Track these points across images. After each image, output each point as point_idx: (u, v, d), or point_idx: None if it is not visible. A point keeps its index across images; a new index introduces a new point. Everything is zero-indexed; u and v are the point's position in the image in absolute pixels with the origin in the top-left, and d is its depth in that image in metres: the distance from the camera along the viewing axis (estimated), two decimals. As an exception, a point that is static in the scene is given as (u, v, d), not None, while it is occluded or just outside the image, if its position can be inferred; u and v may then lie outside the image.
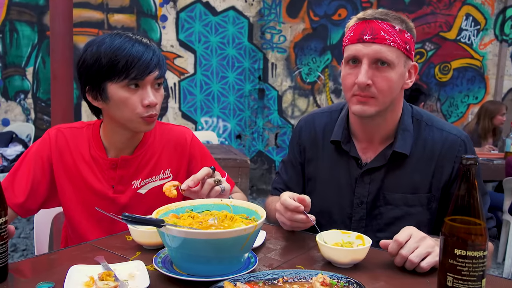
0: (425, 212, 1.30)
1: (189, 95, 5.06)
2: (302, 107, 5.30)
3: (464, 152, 1.30)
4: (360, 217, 1.34)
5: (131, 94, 1.23)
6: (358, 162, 1.34)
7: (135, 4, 4.81)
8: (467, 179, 0.80)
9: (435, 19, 5.40)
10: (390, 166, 1.31)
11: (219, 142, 4.92)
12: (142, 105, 1.23)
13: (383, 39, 1.18)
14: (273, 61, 5.18)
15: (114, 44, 1.20)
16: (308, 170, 1.45)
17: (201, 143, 1.50)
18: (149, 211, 1.13)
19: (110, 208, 1.32)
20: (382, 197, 1.31)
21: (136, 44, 1.22)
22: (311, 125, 1.46)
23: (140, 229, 1.10)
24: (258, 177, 5.31)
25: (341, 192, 1.36)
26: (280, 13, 5.14)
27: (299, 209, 1.15)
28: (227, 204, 1.10)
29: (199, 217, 1.04)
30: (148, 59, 1.21)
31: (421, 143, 1.31)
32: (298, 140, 1.48)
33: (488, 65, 5.61)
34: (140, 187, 1.36)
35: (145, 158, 1.37)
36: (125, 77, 1.20)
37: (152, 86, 1.25)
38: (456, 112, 5.64)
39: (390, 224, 1.31)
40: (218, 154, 3.30)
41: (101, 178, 1.33)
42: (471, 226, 0.80)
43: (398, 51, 1.20)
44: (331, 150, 1.39)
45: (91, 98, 1.27)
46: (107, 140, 1.35)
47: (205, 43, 5.02)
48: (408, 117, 1.33)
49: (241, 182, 3.28)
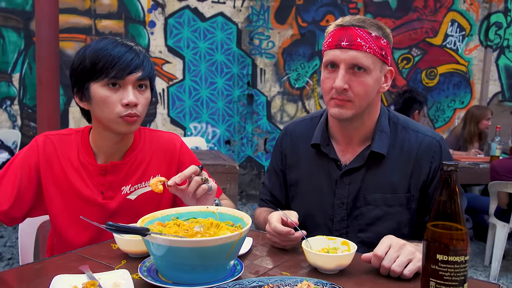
0: (405, 212, 1.33)
1: (178, 101, 5.05)
2: (291, 113, 5.32)
3: (440, 152, 1.34)
4: (341, 218, 1.36)
5: (111, 93, 1.24)
6: (338, 164, 1.37)
7: (123, 10, 4.79)
8: (448, 185, 0.81)
9: (421, 25, 5.48)
10: (368, 167, 1.34)
11: (208, 147, 4.91)
12: (121, 105, 1.24)
13: (360, 45, 1.22)
14: (262, 66, 5.20)
15: (98, 46, 1.25)
16: (290, 176, 1.47)
17: (189, 149, 1.52)
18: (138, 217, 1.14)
19: (99, 214, 1.32)
20: (362, 197, 1.34)
21: (119, 46, 1.26)
22: (292, 132, 1.50)
23: (126, 238, 1.09)
24: (247, 183, 5.31)
25: (322, 194, 1.38)
26: (268, 19, 5.17)
27: (291, 233, 1.18)
28: (213, 211, 1.10)
29: (184, 225, 1.04)
30: (128, 59, 1.24)
31: (398, 145, 1.34)
32: (279, 148, 1.52)
33: (474, 70, 5.70)
34: (130, 193, 1.36)
35: (135, 164, 1.37)
36: (105, 76, 1.23)
37: (134, 87, 1.26)
38: (443, 117, 5.71)
39: (371, 224, 1.33)
40: (206, 160, 3.29)
41: (90, 184, 1.33)
42: (453, 231, 0.81)
43: (374, 57, 1.23)
44: (312, 155, 1.42)
45: (78, 100, 1.30)
46: (96, 145, 1.35)
47: (193, 49, 5.02)
48: (385, 119, 1.37)
49: (230, 188, 3.28)
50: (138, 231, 0.90)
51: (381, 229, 1.31)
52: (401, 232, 1.32)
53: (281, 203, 1.52)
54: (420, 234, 1.34)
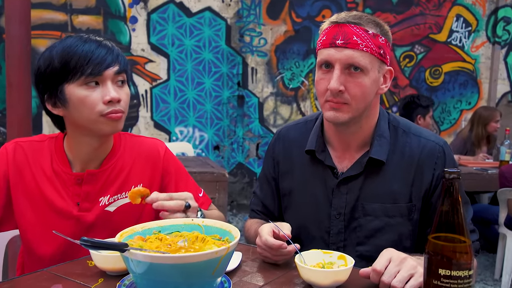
0: (406, 223, 1.34)
1: (162, 103, 5.04)
2: (285, 115, 5.33)
3: (443, 158, 1.34)
4: (338, 230, 1.36)
5: (90, 92, 1.24)
6: (334, 172, 1.38)
7: (102, 4, 4.79)
8: (450, 194, 0.82)
9: (424, 20, 5.53)
10: (367, 174, 1.34)
11: (195, 154, 4.91)
12: (103, 102, 1.24)
13: (356, 44, 1.23)
14: (253, 65, 5.22)
15: (65, 44, 1.24)
16: (283, 185, 1.48)
17: (175, 156, 1.52)
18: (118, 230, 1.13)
19: (75, 228, 1.31)
20: (361, 207, 1.34)
21: (88, 42, 1.25)
22: (285, 137, 1.50)
23: (103, 254, 1.09)
24: (238, 191, 5.31)
25: (318, 205, 1.39)
26: (260, 14, 5.19)
27: (283, 246, 1.18)
28: (199, 224, 1.10)
29: (167, 239, 1.04)
30: (102, 54, 1.24)
31: (399, 150, 1.35)
32: (271, 154, 1.52)
33: (481, 69, 5.76)
34: (108, 204, 1.35)
35: (114, 172, 1.37)
36: (81, 74, 1.22)
37: (113, 82, 1.26)
38: (449, 119, 5.76)
39: (371, 237, 1.34)
40: (193, 167, 3.29)
41: (65, 195, 1.32)
42: (456, 244, 0.82)
43: (371, 56, 1.24)
44: (306, 161, 1.42)
45: (51, 106, 1.28)
46: (72, 152, 1.34)
47: (179, 46, 5.02)
48: (385, 123, 1.37)
49: (219, 197, 3.28)
50: (115, 246, 0.90)
51: (381, 242, 1.32)
52: (402, 245, 1.33)
53: (273, 214, 1.52)
54: (423, 247, 1.35)
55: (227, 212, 4.95)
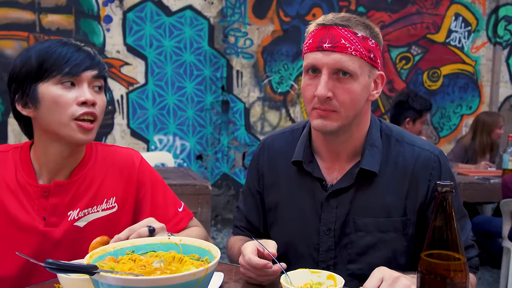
0: (401, 239, 1.35)
1: (140, 109, 5.03)
2: (273, 122, 5.35)
3: (439, 169, 1.36)
4: (328, 247, 1.37)
5: (65, 92, 1.27)
6: (323, 184, 1.38)
7: (73, 2, 4.78)
8: (443, 209, 0.83)
9: (421, 20, 5.61)
10: (358, 187, 1.35)
11: (176, 164, 4.90)
12: (77, 103, 1.26)
13: (344, 47, 1.23)
14: (238, 68, 5.24)
15: (44, 45, 1.28)
16: (268, 199, 1.48)
17: (151, 167, 1.53)
18: (88, 248, 1.13)
19: (41, 245, 1.30)
20: (352, 222, 1.35)
21: (67, 45, 1.30)
22: (270, 147, 1.51)
23: (71, 277, 1.08)
24: (223, 205, 5.30)
25: (306, 220, 1.40)
26: (245, 13, 5.22)
27: (268, 266, 1.18)
28: (176, 243, 1.10)
29: (141, 260, 1.04)
30: (82, 57, 1.29)
31: (392, 160, 1.37)
32: (256, 165, 1.53)
33: (482, 71, 5.85)
34: (78, 219, 1.34)
35: (84, 184, 1.36)
36: (57, 73, 1.25)
37: (90, 86, 1.29)
38: (449, 125, 5.83)
39: (363, 254, 1.35)
40: (173, 179, 3.29)
41: (30, 209, 1.31)
42: (450, 261, 0.83)
43: (361, 60, 1.25)
44: (293, 173, 1.43)
45: (21, 107, 1.30)
46: (38, 162, 1.34)
47: (157, 48, 5.02)
48: (377, 131, 1.39)
49: (201, 212, 3.28)
50: (84, 269, 0.90)
51: (374, 259, 1.33)
52: (397, 262, 1.34)
53: (258, 230, 1.52)
54: (419, 263, 1.36)
55: (211, 228, 4.93)
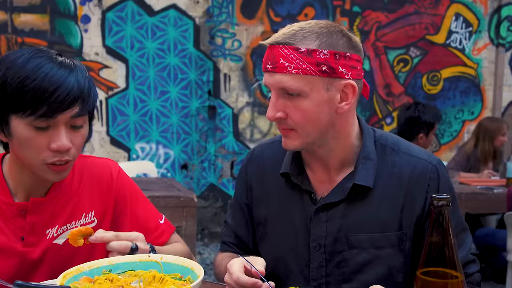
0: (398, 255, 1.36)
1: (120, 116, 5.01)
2: (263, 128, 5.36)
3: (437, 180, 1.37)
4: (319, 264, 1.37)
5: (37, 135, 1.22)
6: (312, 197, 1.39)
7: (48, 1, 4.77)
8: (439, 224, 0.84)
9: (420, 20, 5.66)
10: (350, 201, 1.36)
11: (159, 174, 4.88)
12: (49, 149, 1.23)
13: (283, 67, 1.26)
14: (226, 71, 5.25)
15: (26, 68, 1.20)
16: (257, 212, 1.49)
17: (130, 178, 1.53)
18: (68, 266, 1.13)
19: (19, 266, 1.30)
20: (345, 239, 1.35)
21: (56, 67, 1.21)
22: (259, 157, 1.52)
23: (44, 299, 1.08)
24: (210, 218, 5.29)
25: (295, 234, 1.40)
26: (233, 13, 5.24)
27: (257, 285, 1.18)
28: (156, 261, 1.10)
29: (119, 279, 1.04)
30: (65, 92, 1.19)
31: (387, 171, 1.37)
32: (244, 177, 1.54)
33: (484, 74, 5.91)
34: (57, 236, 1.35)
35: (62, 199, 1.37)
36: (31, 113, 1.19)
37: (67, 125, 1.24)
38: (450, 131, 5.88)
39: (357, 272, 1.35)
40: (156, 191, 3.28)
41: (6, 229, 1.30)
42: (447, 280, 0.84)
43: (307, 77, 1.25)
44: (282, 185, 1.44)
45: None
46: (13, 179, 1.33)
47: (139, 50, 5.02)
48: (371, 143, 1.39)
49: (186, 225, 3.26)
50: (57, 291, 0.89)
51: (369, 278, 1.33)
52: (394, 280, 1.35)
53: (247, 246, 1.53)
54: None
55: (197, 242, 4.92)
